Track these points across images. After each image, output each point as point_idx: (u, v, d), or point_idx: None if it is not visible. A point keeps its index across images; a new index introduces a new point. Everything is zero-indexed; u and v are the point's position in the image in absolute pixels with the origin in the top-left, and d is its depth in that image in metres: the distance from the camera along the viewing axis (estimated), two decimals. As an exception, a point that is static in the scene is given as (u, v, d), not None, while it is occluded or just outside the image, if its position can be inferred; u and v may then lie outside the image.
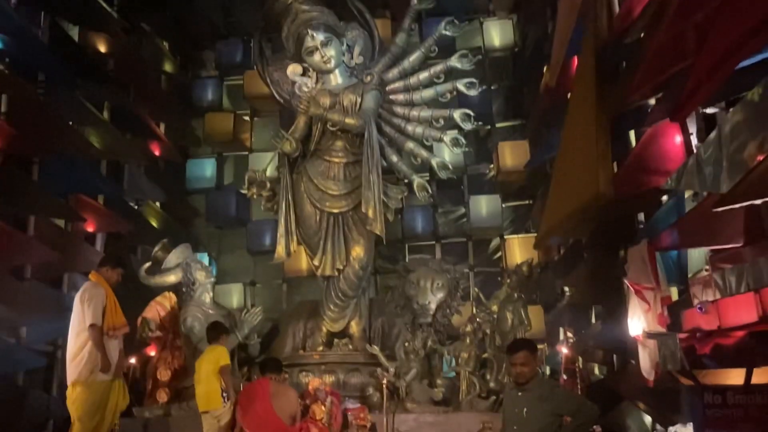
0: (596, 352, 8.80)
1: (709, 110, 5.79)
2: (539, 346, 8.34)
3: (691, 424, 5.82)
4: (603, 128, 6.35)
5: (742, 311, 4.66)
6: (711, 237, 5.34)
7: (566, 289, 10.83)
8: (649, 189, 6.25)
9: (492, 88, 14.35)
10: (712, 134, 4.77)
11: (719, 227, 5.09)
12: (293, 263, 13.19)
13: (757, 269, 5.01)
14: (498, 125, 14.33)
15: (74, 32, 10.65)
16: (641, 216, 7.76)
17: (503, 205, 13.54)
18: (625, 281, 6.98)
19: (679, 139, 6.17)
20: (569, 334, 9.97)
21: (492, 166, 13.94)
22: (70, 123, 9.75)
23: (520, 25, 14.23)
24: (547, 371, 10.47)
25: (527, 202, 13.79)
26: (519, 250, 13.06)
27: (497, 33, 14.29)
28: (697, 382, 4.91)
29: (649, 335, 6.39)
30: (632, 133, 7.98)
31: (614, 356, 8.70)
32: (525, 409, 4.65)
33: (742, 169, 4.36)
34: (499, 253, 13.79)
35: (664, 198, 6.94)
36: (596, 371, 9.42)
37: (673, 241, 6.34)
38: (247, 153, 14.95)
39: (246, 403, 6.75)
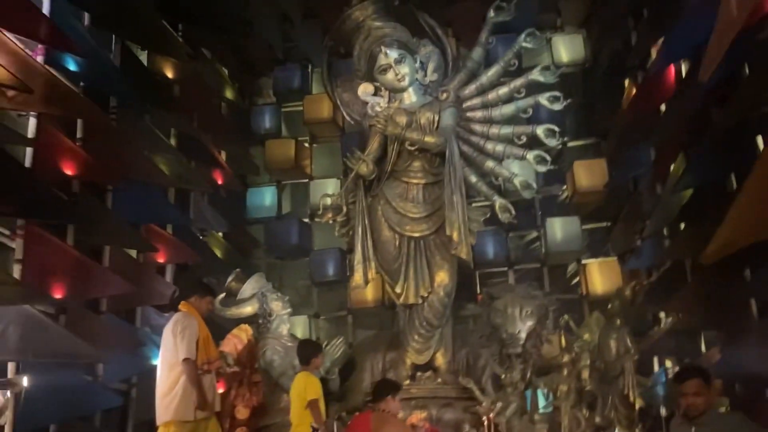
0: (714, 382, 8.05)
1: None
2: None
3: None
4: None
5: None
6: None
7: (662, 315, 10.11)
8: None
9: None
10: None
11: None
12: (358, 294, 12.64)
13: None
14: (570, 144, 13.69)
15: (143, 57, 10.40)
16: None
17: (581, 228, 12.82)
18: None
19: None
20: (669, 364, 9.27)
21: (565, 187, 13.28)
22: (143, 151, 9.45)
23: (590, 39, 13.65)
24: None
25: (605, 224, 13.07)
26: (599, 274, 12.37)
27: (566, 48, 13.66)
28: None
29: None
30: (759, 139, 7.31)
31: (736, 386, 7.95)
32: None
33: None
34: (576, 279, 13.07)
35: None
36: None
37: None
38: (307, 180, 14.54)
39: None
